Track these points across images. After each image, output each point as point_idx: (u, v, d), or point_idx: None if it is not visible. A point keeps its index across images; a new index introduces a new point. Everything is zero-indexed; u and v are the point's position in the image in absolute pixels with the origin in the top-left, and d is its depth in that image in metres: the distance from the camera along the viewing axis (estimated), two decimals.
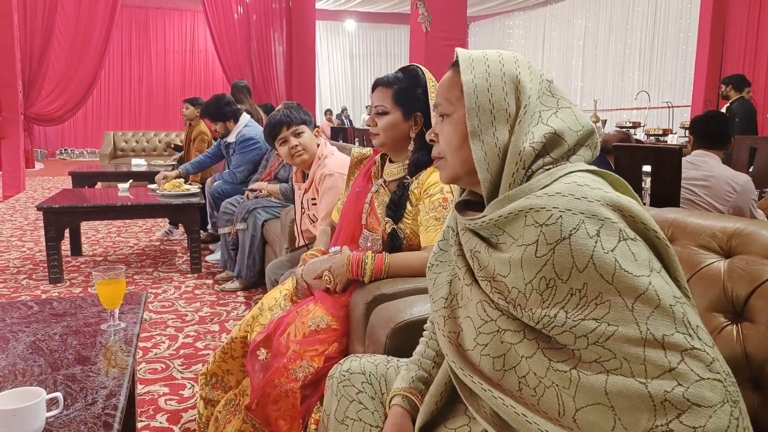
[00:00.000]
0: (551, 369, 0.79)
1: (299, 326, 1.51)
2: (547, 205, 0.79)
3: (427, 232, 1.55)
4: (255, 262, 3.35)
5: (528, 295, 0.80)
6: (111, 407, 1.10)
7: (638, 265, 0.75)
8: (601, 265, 0.75)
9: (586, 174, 0.84)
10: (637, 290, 0.74)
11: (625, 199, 0.80)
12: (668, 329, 0.73)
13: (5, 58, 6.84)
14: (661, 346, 0.72)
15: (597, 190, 0.80)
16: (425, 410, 0.99)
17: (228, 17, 8.58)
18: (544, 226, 0.78)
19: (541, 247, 0.78)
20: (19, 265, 3.95)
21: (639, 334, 0.73)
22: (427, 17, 5.22)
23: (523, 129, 0.87)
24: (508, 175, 0.86)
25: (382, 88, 1.65)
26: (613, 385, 0.73)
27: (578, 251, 0.76)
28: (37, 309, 1.63)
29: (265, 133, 2.46)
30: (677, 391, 0.70)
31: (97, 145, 12.10)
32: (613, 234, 0.76)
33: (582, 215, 0.77)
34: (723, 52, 8.65)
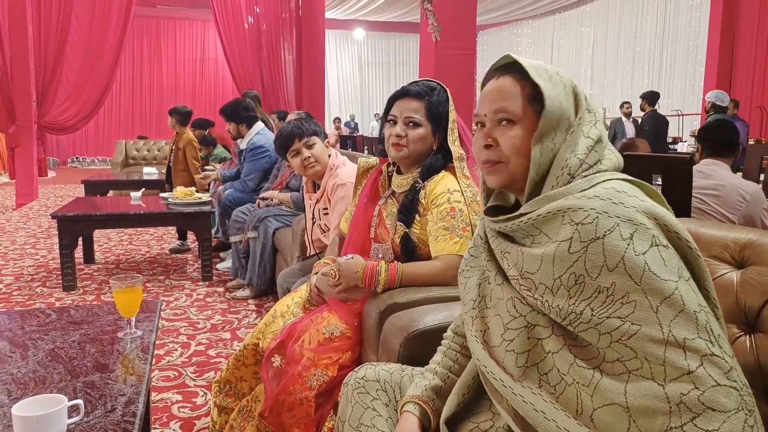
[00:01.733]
0: (575, 365, 0.82)
1: (314, 334, 1.52)
2: (585, 206, 0.82)
3: (437, 242, 1.56)
4: (266, 270, 3.37)
5: (555, 291, 0.83)
6: (130, 414, 1.12)
7: (667, 271, 0.78)
8: (631, 266, 0.78)
9: (624, 182, 0.87)
10: (663, 293, 0.77)
11: (660, 209, 0.83)
12: (690, 333, 0.75)
13: (20, 68, 6.94)
14: (681, 349, 0.74)
15: (634, 198, 0.83)
16: (450, 403, 1.02)
17: (238, 26, 8.66)
18: (580, 224, 0.82)
19: (575, 244, 0.82)
20: (33, 273, 4.00)
21: (661, 335, 0.75)
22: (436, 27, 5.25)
23: (575, 137, 0.91)
24: (552, 178, 0.90)
25: (414, 99, 1.60)
26: (632, 387, 0.76)
27: (610, 251, 0.79)
28: (54, 317, 1.65)
29: (276, 145, 2.46)
30: (693, 395, 0.72)
31: (109, 154, 12.22)
32: (645, 239, 0.79)
33: (618, 219, 0.80)
34: (733, 59, 8.63)
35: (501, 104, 0.94)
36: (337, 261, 1.61)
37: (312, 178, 2.51)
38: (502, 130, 0.95)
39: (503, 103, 0.94)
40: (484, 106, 0.98)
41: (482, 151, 0.97)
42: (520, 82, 0.94)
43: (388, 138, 1.63)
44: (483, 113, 0.98)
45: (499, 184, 0.97)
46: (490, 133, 0.96)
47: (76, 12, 7.90)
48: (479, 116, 0.99)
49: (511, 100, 0.94)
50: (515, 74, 0.95)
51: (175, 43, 14.01)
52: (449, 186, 1.59)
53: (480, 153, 0.98)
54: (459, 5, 5.39)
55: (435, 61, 5.38)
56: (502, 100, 0.95)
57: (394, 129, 1.61)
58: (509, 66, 0.97)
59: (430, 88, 1.62)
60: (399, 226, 1.62)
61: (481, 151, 0.98)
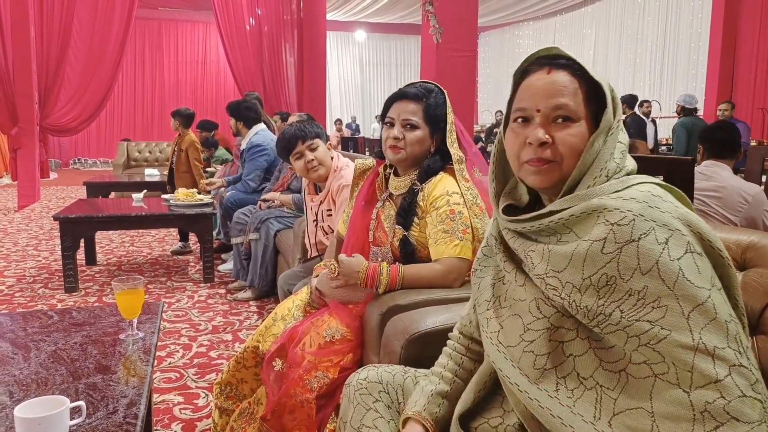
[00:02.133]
0: (600, 369, 0.81)
1: (314, 337, 1.52)
2: (622, 207, 0.81)
3: (437, 245, 1.56)
4: (267, 272, 3.37)
5: (583, 291, 0.82)
6: (132, 416, 1.12)
7: (701, 278, 0.77)
8: (665, 270, 0.77)
9: (657, 187, 0.86)
10: (696, 300, 0.76)
11: (694, 216, 0.83)
12: (720, 342, 0.75)
13: (22, 70, 6.96)
14: (711, 357, 0.74)
15: (669, 204, 0.82)
16: (465, 399, 1.01)
17: (240, 28, 8.67)
18: (615, 225, 0.80)
19: (609, 245, 0.80)
20: (35, 274, 4.00)
21: (691, 342, 0.75)
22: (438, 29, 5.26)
23: (614, 141, 0.89)
24: (590, 178, 0.87)
25: (412, 101, 1.60)
26: (658, 390, 0.76)
27: (645, 254, 0.78)
28: (56, 318, 1.65)
29: (278, 147, 2.45)
30: (719, 403, 0.72)
31: (111, 155, 12.24)
32: (681, 245, 0.78)
33: (654, 223, 0.79)
34: (734, 61, 8.62)
35: (562, 100, 0.89)
36: (339, 257, 1.61)
37: (315, 180, 2.50)
38: (559, 127, 0.89)
39: (564, 99, 0.89)
40: (536, 100, 0.91)
41: (529, 148, 0.90)
42: (577, 79, 0.90)
43: (385, 140, 1.62)
44: (534, 108, 0.90)
45: (548, 184, 0.91)
46: (547, 130, 0.89)
47: (79, 14, 7.92)
48: (527, 110, 0.91)
49: (572, 96, 0.89)
50: (569, 70, 0.90)
51: (176, 45, 14.04)
52: (448, 188, 1.59)
53: (525, 150, 0.91)
54: (460, 7, 5.40)
55: (436, 62, 5.39)
56: (562, 95, 0.89)
57: (392, 131, 1.60)
58: (555, 61, 0.92)
59: (427, 90, 1.62)
60: (397, 229, 1.62)
61: (527, 148, 0.91)
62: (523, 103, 0.92)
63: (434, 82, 1.68)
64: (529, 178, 0.93)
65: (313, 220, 2.53)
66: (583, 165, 0.88)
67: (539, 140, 0.89)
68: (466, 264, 1.58)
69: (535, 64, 0.94)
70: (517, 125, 0.93)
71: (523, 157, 0.92)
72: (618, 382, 0.80)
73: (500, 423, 0.98)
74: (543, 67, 0.92)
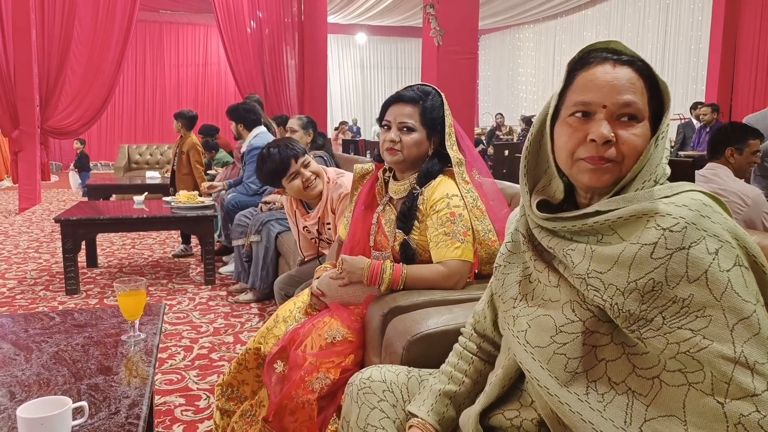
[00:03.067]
0: (634, 374, 0.81)
1: (316, 339, 1.52)
2: (674, 213, 0.80)
3: (438, 248, 1.56)
4: (268, 274, 3.37)
5: (627, 294, 0.80)
6: (134, 416, 1.12)
7: (748, 292, 0.77)
8: (714, 281, 0.77)
9: (706, 196, 0.84)
10: (742, 313, 0.76)
11: (741, 230, 0.82)
12: (761, 358, 0.75)
13: (23, 73, 6.97)
14: (750, 371, 0.74)
15: (719, 215, 0.81)
16: (489, 393, 1.00)
17: (241, 31, 8.69)
18: (667, 231, 0.79)
19: (659, 250, 0.79)
20: (36, 277, 4.01)
21: (733, 354, 0.75)
22: (439, 32, 5.27)
23: (663, 145, 0.86)
24: (639, 182, 0.85)
25: (409, 104, 1.60)
26: (691, 399, 0.75)
27: (694, 263, 0.77)
28: (58, 320, 1.66)
29: (266, 174, 2.31)
30: (754, 417, 0.72)
31: (112, 158, 12.26)
32: (730, 257, 0.78)
33: (705, 232, 0.78)
34: (735, 63, 8.63)
35: (630, 98, 0.85)
36: (342, 256, 1.61)
37: (311, 199, 2.41)
38: (624, 126, 0.85)
39: (633, 96, 0.85)
40: (602, 94, 0.86)
41: (590, 145, 0.86)
42: (642, 77, 0.87)
43: (382, 143, 1.63)
44: (600, 103, 0.86)
45: (604, 184, 0.87)
46: (613, 128, 0.85)
47: (80, 17, 7.94)
48: (591, 105, 0.86)
49: (639, 95, 0.85)
50: (634, 68, 0.87)
51: (178, 48, 14.06)
52: (448, 191, 1.59)
53: (585, 146, 0.87)
54: (461, 10, 5.41)
55: (437, 65, 5.40)
56: (630, 93, 0.85)
57: (389, 134, 1.60)
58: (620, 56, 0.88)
59: (424, 93, 1.62)
60: (398, 234, 1.62)
61: (587, 144, 0.86)
62: (587, 97, 0.87)
63: (432, 85, 1.68)
64: (584, 176, 0.88)
65: (312, 238, 2.50)
66: (639, 167, 0.85)
67: (604, 137, 0.84)
68: (468, 266, 1.58)
69: (595, 56, 0.89)
70: (575, 119, 0.88)
71: (580, 154, 0.87)
72: (651, 388, 0.79)
73: (516, 416, 0.97)
74: (606, 61, 0.87)
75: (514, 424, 0.97)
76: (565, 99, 0.90)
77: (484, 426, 1.00)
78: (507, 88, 15.47)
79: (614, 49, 0.89)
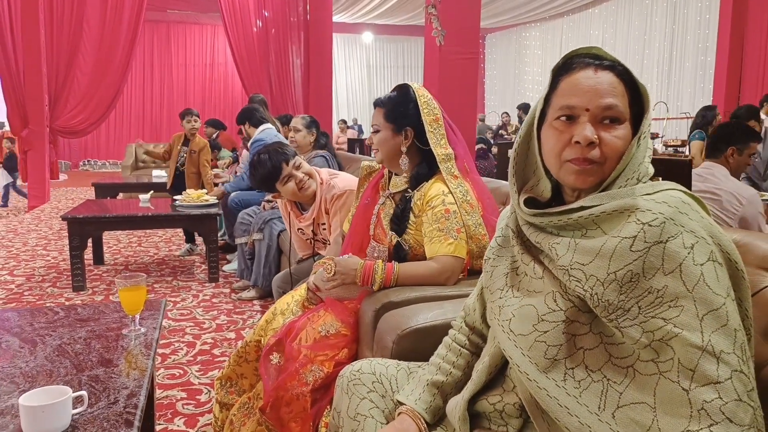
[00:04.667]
0: (610, 363, 0.85)
1: (310, 332, 1.56)
2: (654, 209, 0.84)
3: (432, 243, 1.61)
4: (271, 272, 3.41)
5: (606, 285, 0.84)
6: (132, 406, 1.16)
7: (719, 286, 0.81)
8: (688, 273, 0.81)
9: (686, 195, 0.89)
10: (711, 304, 0.80)
11: (717, 228, 0.86)
12: (727, 347, 0.78)
13: (32, 73, 7.06)
14: (716, 359, 0.78)
15: (696, 213, 0.86)
16: (476, 381, 1.05)
17: (247, 31, 8.76)
18: (647, 225, 0.83)
19: (638, 243, 0.83)
20: (44, 274, 4.07)
21: (701, 342, 0.78)
22: (440, 31, 5.29)
23: (645, 145, 0.91)
24: (622, 180, 0.89)
25: (377, 108, 1.75)
26: (662, 387, 0.79)
27: (670, 256, 0.82)
28: (62, 314, 1.71)
29: (259, 179, 2.33)
30: (716, 403, 0.76)
31: (120, 157, 12.36)
32: (705, 252, 0.82)
33: (682, 228, 0.83)
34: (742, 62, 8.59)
35: (611, 101, 0.89)
36: (335, 258, 1.65)
37: (306, 200, 2.44)
38: (606, 128, 0.89)
39: (614, 100, 0.89)
40: (585, 98, 0.89)
41: (575, 147, 0.89)
42: (622, 81, 0.90)
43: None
44: (584, 106, 0.89)
45: (589, 185, 0.91)
46: (595, 130, 0.89)
47: (88, 17, 8.03)
48: (575, 108, 0.90)
49: (620, 98, 0.89)
50: (615, 72, 0.91)
51: (185, 48, 14.14)
52: (443, 189, 1.65)
53: (570, 149, 0.90)
54: (463, 10, 5.43)
55: (439, 65, 5.42)
56: (611, 96, 0.89)
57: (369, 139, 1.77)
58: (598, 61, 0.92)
59: (389, 97, 1.75)
60: (392, 236, 1.68)
61: (572, 147, 0.90)
62: (571, 101, 0.90)
63: (410, 83, 1.76)
64: (570, 177, 0.91)
65: (308, 239, 2.53)
66: (622, 165, 0.89)
67: (588, 139, 0.88)
68: (460, 262, 1.62)
69: (577, 62, 0.93)
70: (560, 123, 0.92)
71: (566, 156, 0.91)
72: (626, 376, 0.83)
73: (499, 401, 1.02)
74: (588, 66, 0.91)
75: (496, 408, 1.02)
76: (550, 103, 0.94)
77: (469, 412, 1.04)
78: (513, 87, 15.45)
79: (595, 54, 0.93)
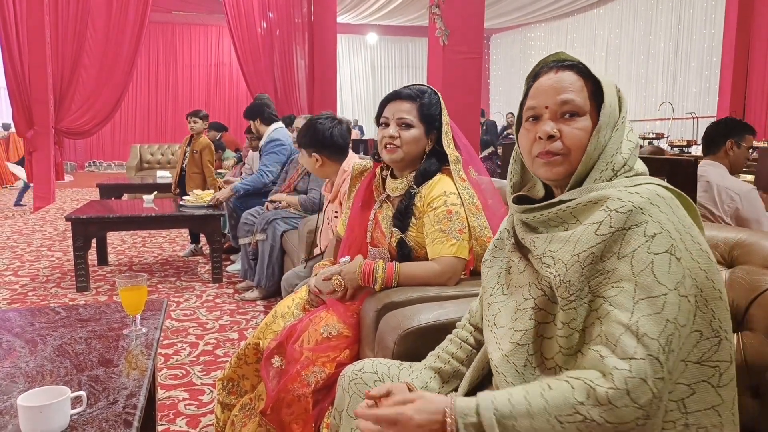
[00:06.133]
0: (560, 353, 0.89)
1: (312, 334, 1.55)
2: (624, 198, 0.87)
3: (434, 244, 1.59)
4: (274, 272, 3.41)
5: (569, 266, 0.88)
6: (131, 406, 1.16)
7: (667, 278, 0.82)
8: (638, 259, 0.83)
9: (666, 190, 0.91)
10: (651, 291, 0.82)
11: (692, 229, 0.88)
12: (652, 333, 0.80)
13: (37, 74, 7.09)
14: (637, 340, 0.80)
15: (669, 208, 0.88)
16: (470, 377, 1.08)
17: (251, 31, 8.76)
18: (613, 211, 0.86)
19: (603, 227, 0.86)
20: (48, 274, 4.08)
21: (627, 321, 0.81)
22: (444, 31, 5.27)
23: (619, 136, 0.94)
24: (597, 171, 0.93)
25: (407, 101, 1.63)
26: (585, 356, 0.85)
27: (627, 242, 0.84)
28: (63, 314, 1.70)
29: (302, 135, 2.49)
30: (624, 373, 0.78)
31: (124, 158, 12.39)
32: (664, 244, 0.83)
33: (649, 218, 0.85)
34: (748, 62, 8.54)
35: (567, 96, 0.95)
36: (340, 269, 1.64)
37: (321, 177, 2.57)
38: (566, 122, 0.95)
39: (570, 95, 0.95)
40: (544, 98, 0.97)
41: (539, 143, 0.96)
42: (581, 77, 0.96)
43: (380, 140, 1.65)
44: (543, 105, 0.97)
45: (556, 176, 0.97)
46: (557, 125, 0.95)
47: (93, 18, 8.06)
48: (536, 108, 0.98)
49: (577, 93, 0.95)
50: (575, 70, 0.97)
51: (190, 49, 14.18)
52: (446, 189, 1.62)
53: (536, 144, 0.97)
54: (467, 10, 5.41)
55: (443, 65, 5.41)
56: (567, 92, 0.95)
57: (387, 131, 1.63)
58: (563, 63, 0.99)
59: (420, 91, 1.65)
60: (395, 232, 1.65)
61: (537, 143, 0.97)
62: (533, 102, 0.99)
63: (428, 85, 1.71)
64: (540, 171, 0.99)
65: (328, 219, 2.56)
66: (588, 158, 0.93)
67: (547, 133, 0.95)
68: (462, 263, 1.61)
69: (545, 68, 1.01)
70: (528, 123, 1.00)
71: (534, 152, 0.98)
72: (574, 364, 0.88)
73: None
74: (551, 69, 0.99)
75: None
76: (523, 109, 1.03)
77: None
78: (518, 87, 15.39)
79: (559, 58, 1.01)
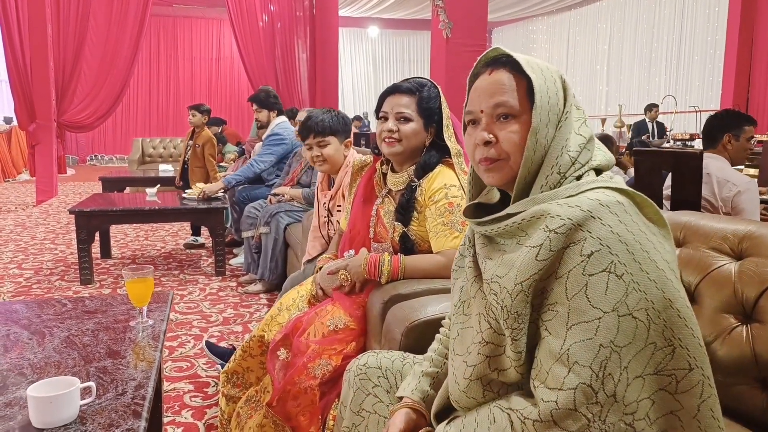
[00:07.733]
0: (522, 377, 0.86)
1: (318, 327, 1.55)
2: (563, 215, 0.80)
3: (437, 238, 1.59)
4: (277, 265, 3.41)
5: (515, 296, 0.83)
6: (140, 397, 1.16)
7: (603, 300, 0.77)
8: (572, 282, 0.79)
9: (613, 193, 0.84)
10: (583, 316, 0.77)
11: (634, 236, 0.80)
12: (584, 360, 0.77)
13: (39, 68, 7.07)
14: (567, 369, 0.77)
15: (614, 216, 0.80)
16: (442, 396, 1.03)
17: (253, 25, 8.73)
18: (552, 232, 0.80)
19: (543, 252, 0.81)
20: (52, 267, 4.09)
21: (559, 350, 0.78)
22: (447, 24, 5.26)
23: (564, 133, 0.88)
24: (542, 177, 0.87)
25: (405, 95, 1.62)
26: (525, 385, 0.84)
27: (564, 263, 0.80)
28: (70, 306, 1.71)
29: (300, 128, 2.50)
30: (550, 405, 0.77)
31: (126, 151, 12.38)
32: (602, 262, 0.78)
33: (588, 234, 0.79)
34: (752, 55, 8.50)
35: (500, 98, 0.90)
36: (345, 263, 1.64)
37: (321, 172, 2.54)
38: (502, 125, 0.90)
39: (502, 97, 0.90)
40: (479, 101, 0.93)
41: (479, 149, 0.92)
42: (515, 75, 0.90)
43: (379, 134, 1.65)
44: (478, 109, 0.92)
45: (499, 182, 0.92)
46: (490, 129, 0.91)
47: (94, 12, 8.03)
48: (473, 113, 0.94)
49: (509, 93, 0.90)
50: (508, 68, 0.92)
51: (191, 42, 14.15)
52: (446, 181, 1.61)
53: (476, 151, 0.93)
54: (470, 2, 5.39)
55: (446, 57, 5.39)
56: (500, 94, 0.90)
57: (386, 125, 1.62)
58: (498, 60, 0.94)
59: (420, 84, 1.65)
60: (397, 225, 1.65)
61: (477, 149, 0.93)
62: (470, 106, 0.95)
63: (427, 78, 1.70)
64: (484, 177, 0.94)
65: (325, 215, 2.55)
66: (528, 161, 0.87)
67: (483, 140, 0.91)
68: None
69: (483, 66, 0.95)
70: (470, 128, 0.95)
71: (476, 158, 0.94)
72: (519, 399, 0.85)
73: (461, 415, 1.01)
74: (486, 69, 0.94)
75: None
76: None
77: None
78: None
79: (492, 56, 0.95)
